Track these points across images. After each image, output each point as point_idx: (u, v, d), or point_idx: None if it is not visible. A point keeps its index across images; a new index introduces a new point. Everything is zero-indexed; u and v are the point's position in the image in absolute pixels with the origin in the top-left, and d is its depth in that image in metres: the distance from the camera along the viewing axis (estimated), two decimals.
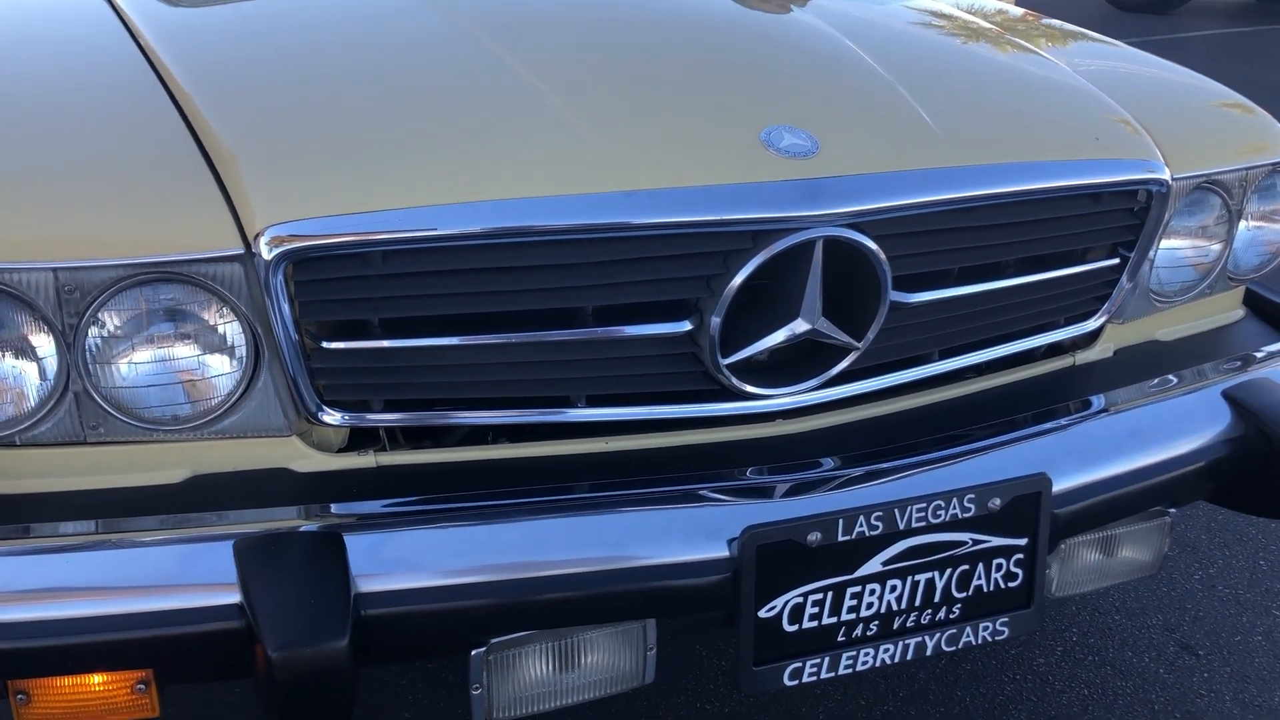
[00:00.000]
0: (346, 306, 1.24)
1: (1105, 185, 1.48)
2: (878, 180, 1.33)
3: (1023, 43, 1.87)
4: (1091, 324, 1.58)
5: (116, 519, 1.19)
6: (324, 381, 1.25)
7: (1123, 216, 1.53)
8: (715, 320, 1.29)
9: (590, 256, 1.26)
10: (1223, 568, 2.25)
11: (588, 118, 1.34)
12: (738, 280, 1.27)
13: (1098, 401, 1.48)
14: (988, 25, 1.97)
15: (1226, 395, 1.50)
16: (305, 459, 1.29)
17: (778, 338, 1.33)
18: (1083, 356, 1.62)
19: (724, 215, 1.26)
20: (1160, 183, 1.52)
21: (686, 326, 1.31)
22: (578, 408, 1.34)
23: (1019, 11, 2.24)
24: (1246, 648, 2.03)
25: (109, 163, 1.25)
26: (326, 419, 1.26)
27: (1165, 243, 1.62)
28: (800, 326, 1.32)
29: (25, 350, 1.20)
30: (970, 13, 2.11)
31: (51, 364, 1.20)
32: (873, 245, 1.31)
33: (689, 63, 1.50)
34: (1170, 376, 1.55)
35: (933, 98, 1.50)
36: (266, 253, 1.17)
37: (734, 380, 1.33)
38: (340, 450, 1.33)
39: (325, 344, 1.23)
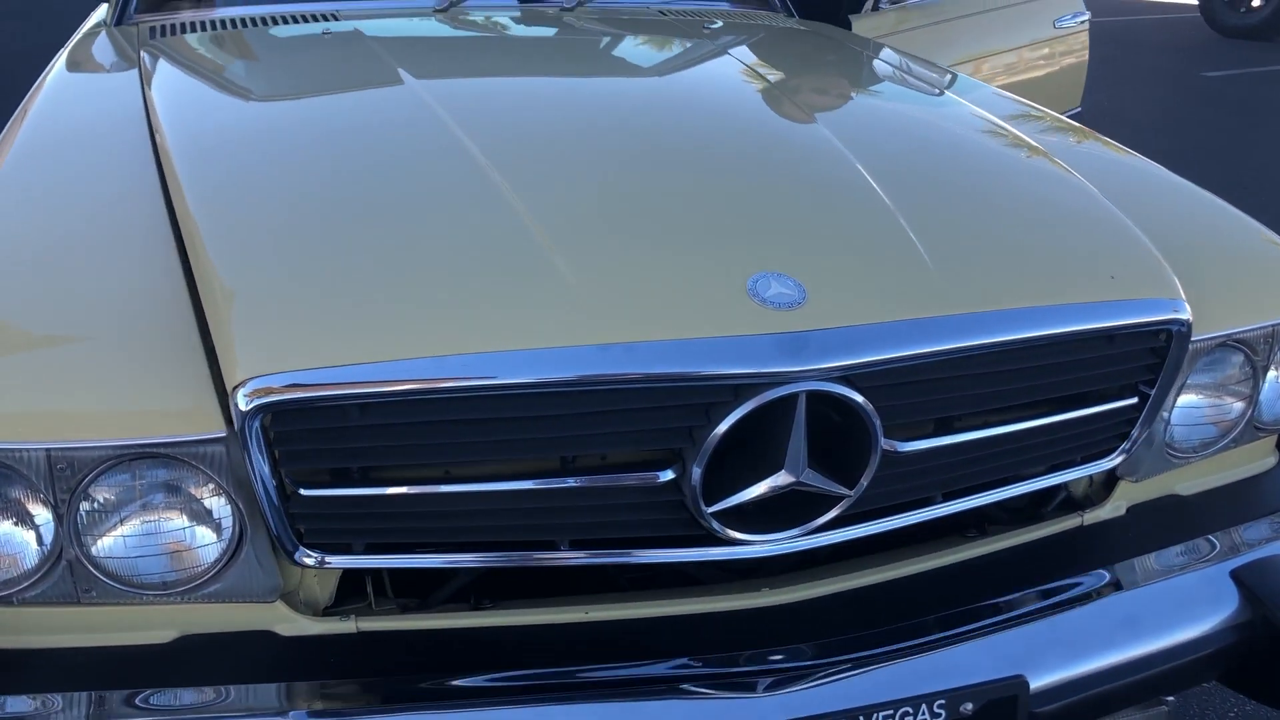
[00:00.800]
0: (324, 456, 1.25)
1: (1119, 328, 1.42)
2: (865, 332, 1.29)
3: (1055, 159, 1.81)
4: (1107, 463, 1.52)
5: (95, 692, 1.23)
6: (303, 526, 1.28)
7: (1141, 355, 1.47)
8: (697, 470, 1.27)
9: (569, 408, 1.26)
10: (1258, 706, 2.16)
11: (575, 265, 1.34)
12: (720, 431, 1.26)
13: (1097, 579, 1.44)
14: (1022, 136, 1.92)
15: (1235, 576, 1.45)
16: (289, 623, 1.32)
17: (759, 490, 1.31)
18: (1093, 515, 1.57)
19: (703, 370, 1.24)
20: (1182, 322, 1.44)
21: (670, 475, 1.30)
22: (561, 551, 1.34)
23: (1071, 126, 2.19)
24: None
25: (104, 337, 1.29)
26: (305, 560, 1.29)
27: (1182, 399, 1.57)
28: (783, 479, 1.30)
29: (22, 519, 1.25)
30: (1009, 119, 2.05)
31: (46, 533, 1.25)
32: (859, 399, 1.28)
33: (686, 198, 1.49)
34: (1178, 551, 1.50)
35: (937, 231, 1.47)
36: (244, 404, 1.19)
37: (718, 527, 1.32)
38: (326, 608, 1.36)
39: (303, 491, 1.25)
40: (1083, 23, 3.83)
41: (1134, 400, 1.49)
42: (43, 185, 1.67)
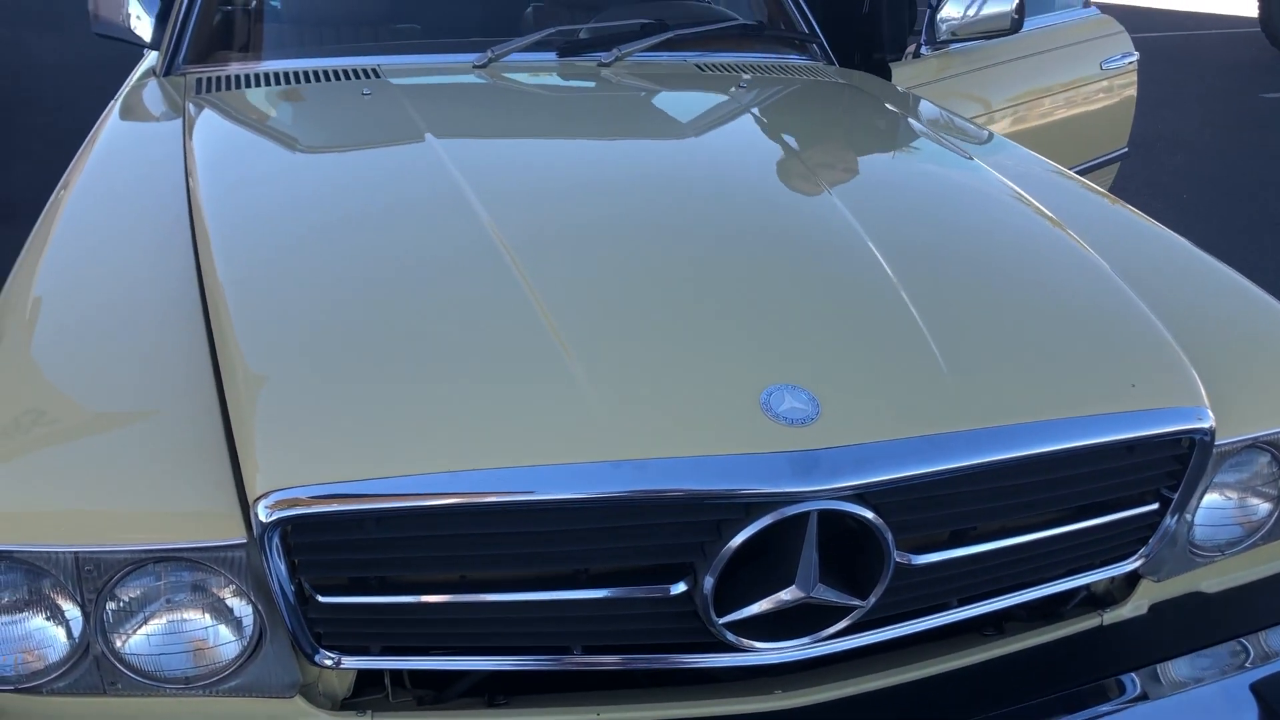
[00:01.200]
0: (341, 566, 1.28)
1: (1140, 439, 1.41)
2: (877, 450, 1.29)
3: (1081, 242, 1.80)
4: (1128, 566, 1.52)
5: None
6: (321, 630, 1.31)
7: (1163, 462, 1.46)
8: (709, 581, 1.29)
9: (580, 523, 1.28)
10: None
11: (592, 374, 1.35)
12: (731, 546, 1.27)
13: (1112, 689, 1.43)
14: (1048, 214, 1.91)
15: (1255, 690, 1.44)
16: (307, 717, 1.35)
17: (769, 605, 1.31)
18: (1113, 614, 1.56)
19: (713, 487, 1.25)
20: (1205, 431, 1.43)
21: (682, 588, 1.31)
22: (574, 655, 1.36)
23: (1102, 196, 2.17)
24: None
25: (131, 436, 1.33)
26: (324, 662, 1.31)
27: (1207, 499, 1.55)
28: (792, 594, 1.30)
29: (53, 614, 1.30)
30: (1037, 191, 2.03)
31: (75, 628, 1.30)
32: (871, 516, 1.28)
33: (704, 297, 1.51)
34: (1196, 659, 1.48)
35: (954, 333, 1.47)
36: (264, 515, 1.22)
37: (731, 637, 1.33)
38: (345, 700, 1.39)
39: (320, 598, 1.28)
40: (1131, 63, 3.78)
41: (1155, 506, 1.47)
42: (82, 266, 1.72)
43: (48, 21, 8.72)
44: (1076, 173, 3.65)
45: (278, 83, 2.47)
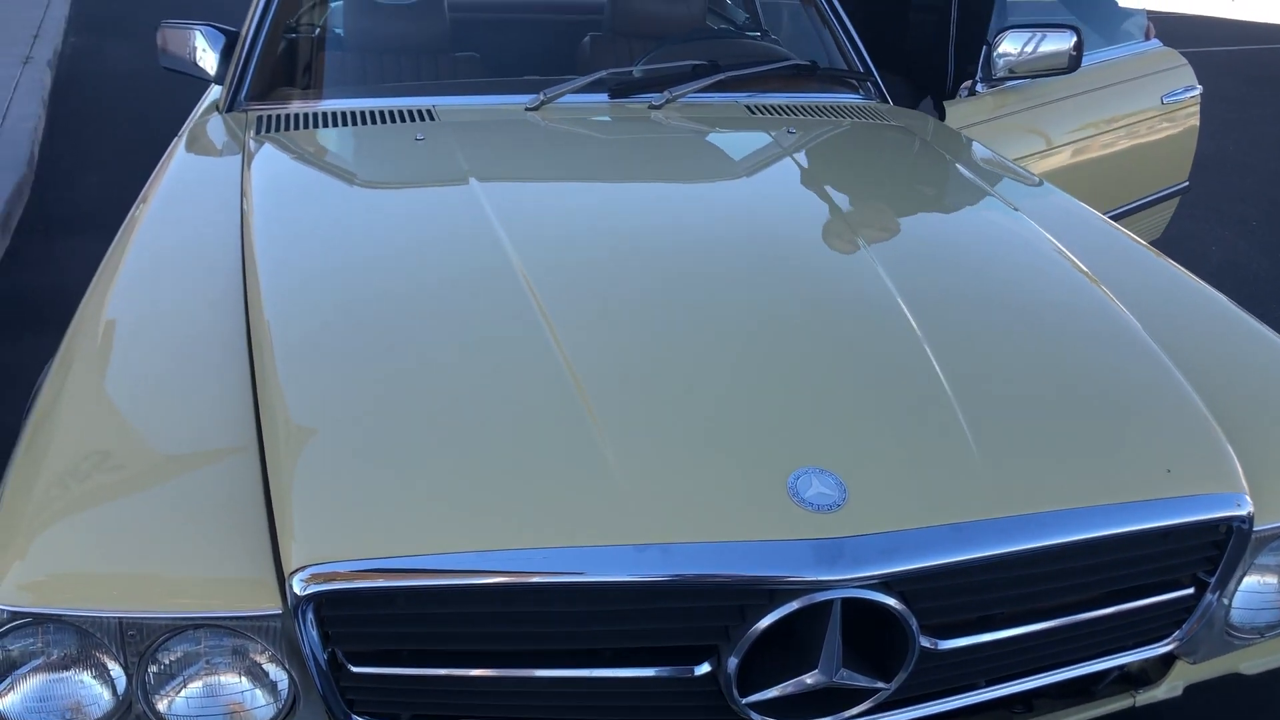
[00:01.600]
0: (373, 638, 1.32)
1: (1174, 527, 1.39)
2: (904, 539, 1.29)
3: (1124, 308, 1.78)
4: (1162, 648, 1.50)
5: None
6: (353, 697, 1.35)
7: (1200, 548, 1.44)
8: (733, 662, 1.30)
9: (605, 604, 1.30)
10: None
11: (622, 456, 1.37)
12: (755, 630, 1.28)
13: None
14: (1091, 277, 1.89)
15: None
16: None
17: (792, 688, 1.32)
18: (1147, 695, 1.55)
19: (738, 573, 1.27)
20: (1243, 518, 1.42)
21: (706, 669, 1.33)
22: None
23: (1150, 253, 2.13)
24: None
25: (174, 501, 1.37)
26: None
27: (1246, 581, 1.53)
28: (815, 679, 1.32)
29: (98, 674, 1.34)
30: (1082, 250, 2.02)
31: (119, 686, 1.34)
32: (896, 604, 1.29)
33: (736, 372, 1.52)
34: None
35: (987, 411, 1.46)
36: (299, 589, 1.26)
37: (754, 716, 1.35)
38: None
39: (353, 668, 1.32)
40: (1193, 97, 3.71)
41: (1191, 590, 1.46)
42: (142, 305, 1.77)
43: (122, 29, 8.92)
44: (1136, 208, 3.62)
45: (335, 123, 2.52)
